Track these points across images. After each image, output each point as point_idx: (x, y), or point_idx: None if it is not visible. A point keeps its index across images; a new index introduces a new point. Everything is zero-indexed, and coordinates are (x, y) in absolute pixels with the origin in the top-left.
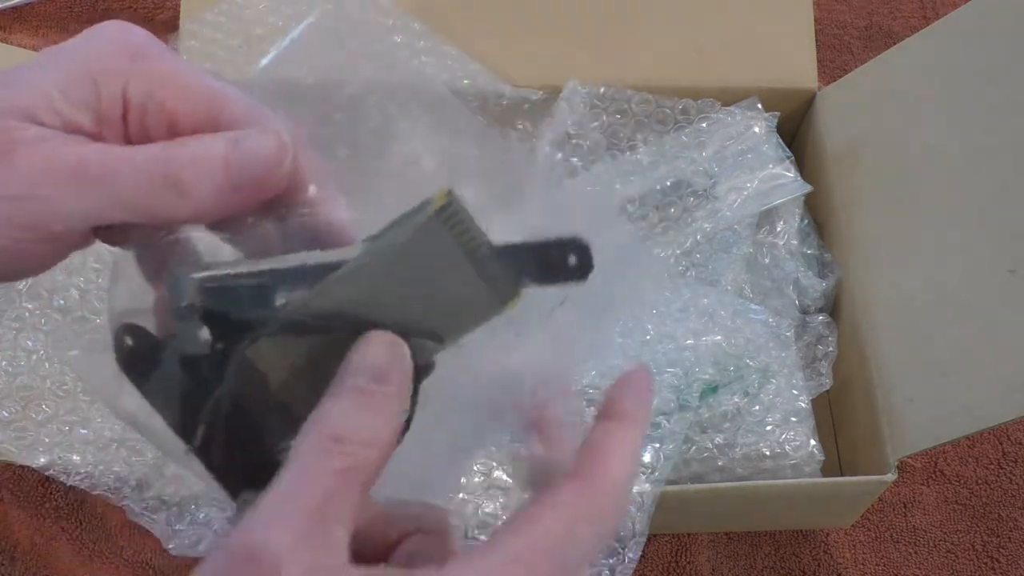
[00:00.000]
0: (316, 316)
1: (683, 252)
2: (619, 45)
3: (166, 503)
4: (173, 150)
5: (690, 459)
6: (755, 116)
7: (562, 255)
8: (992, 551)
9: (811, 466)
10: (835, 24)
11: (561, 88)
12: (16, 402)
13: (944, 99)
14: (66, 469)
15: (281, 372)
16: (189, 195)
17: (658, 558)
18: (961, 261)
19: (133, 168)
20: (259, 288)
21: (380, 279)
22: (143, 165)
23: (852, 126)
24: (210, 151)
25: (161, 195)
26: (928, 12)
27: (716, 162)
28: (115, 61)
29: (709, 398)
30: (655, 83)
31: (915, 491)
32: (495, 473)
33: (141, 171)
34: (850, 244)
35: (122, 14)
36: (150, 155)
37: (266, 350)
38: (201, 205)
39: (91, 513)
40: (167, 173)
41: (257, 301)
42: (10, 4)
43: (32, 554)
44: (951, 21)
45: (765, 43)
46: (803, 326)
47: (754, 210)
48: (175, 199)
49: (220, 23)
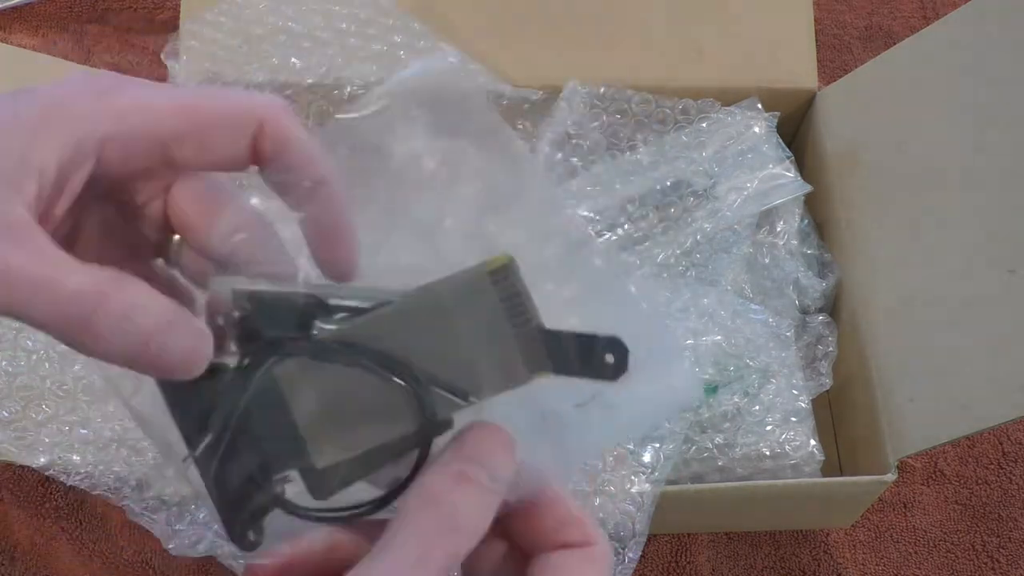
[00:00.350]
0: (351, 348)
1: (683, 252)
2: (619, 45)
3: (166, 503)
4: (108, 292)
5: (690, 459)
6: (755, 116)
7: (600, 351)
8: (992, 551)
9: (811, 466)
10: (835, 24)
11: (561, 88)
12: (16, 402)
13: (944, 99)
14: (66, 469)
15: (301, 397)
16: (99, 345)
17: (658, 558)
18: (961, 261)
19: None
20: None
21: (422, 325)
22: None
23: (852, 126)
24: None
25: (75, 334)
26: (928, 12)
27: (716, 162)
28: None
29: (709, 398)
30: (655, 83)
31: (915, 491)
32: None
33: (70, 298)
34: (850, 244)
35: (122, 14)
36: (79, 291)
37: (293, 371)
38: (108, 356)
39: (91, 513)
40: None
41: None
42: (10, 4)
43: (32, 554)
44: (951, 21)
45: (765, 43)
46: (803, 326)
47: (754, 210)
48: (86, 343)
49: (220, 23)
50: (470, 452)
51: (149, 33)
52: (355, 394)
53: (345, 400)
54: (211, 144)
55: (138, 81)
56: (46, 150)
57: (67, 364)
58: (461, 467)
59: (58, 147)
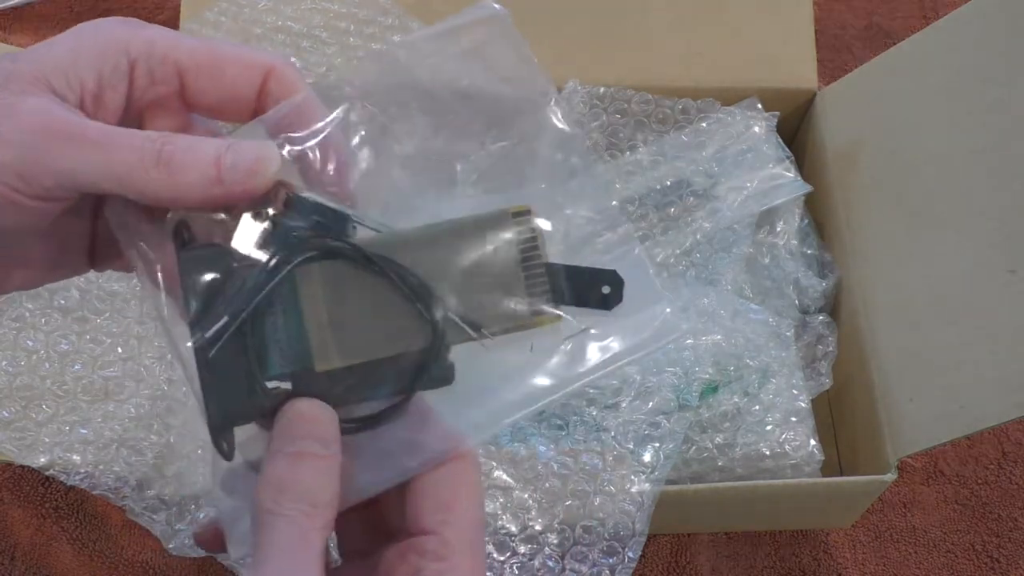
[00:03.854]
0: (377, 258)
1: (683, 252)
2: (619, 45)
3: (166, 503)
4: (170, 137)
5: (690, 459)
6: (755, 116)
7: (598, 283)
8: (992, 551)
9: (811, 466)
10: (835, 24)
11: (561, 88)
12: (16, 402)
13: (944, 99)
14: (66, 469)
15: (316, 301)
16: (177, 178)
17: (658, 558)
18: (961, 261)
19: (130, 142)
20: (338, 215)
21: (443, 254)
22: (140, 143)
23: (852, 126)
24: (203, 145)
25: (152, 173)
26: (928, 12)
27: (716, 162)
28: (115, 31)
29: (709, 398)
30: (655, 83)
31: (915, 491)
32: (495, 473)
33: (137, 147)
34: (850, 244)
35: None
36: (148, 136)
37: (313, 275)
38: (188, 191)
39: (91, 513)
40: (161, 153)
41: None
42: (10, 4)
43: (32, 554)
44: (951, 21)
45: (765, 43)
46: (803, 326)
47: (754, 210)
48: (164, 179)
49: (220, 23)
50: (296, 430)
51: None
52: (368, 305)
53: (357, 309)
54: (226, 78)
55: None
56: (85, 65)
57: (67, 364)
58: (294, 448)
59: (96, 63)
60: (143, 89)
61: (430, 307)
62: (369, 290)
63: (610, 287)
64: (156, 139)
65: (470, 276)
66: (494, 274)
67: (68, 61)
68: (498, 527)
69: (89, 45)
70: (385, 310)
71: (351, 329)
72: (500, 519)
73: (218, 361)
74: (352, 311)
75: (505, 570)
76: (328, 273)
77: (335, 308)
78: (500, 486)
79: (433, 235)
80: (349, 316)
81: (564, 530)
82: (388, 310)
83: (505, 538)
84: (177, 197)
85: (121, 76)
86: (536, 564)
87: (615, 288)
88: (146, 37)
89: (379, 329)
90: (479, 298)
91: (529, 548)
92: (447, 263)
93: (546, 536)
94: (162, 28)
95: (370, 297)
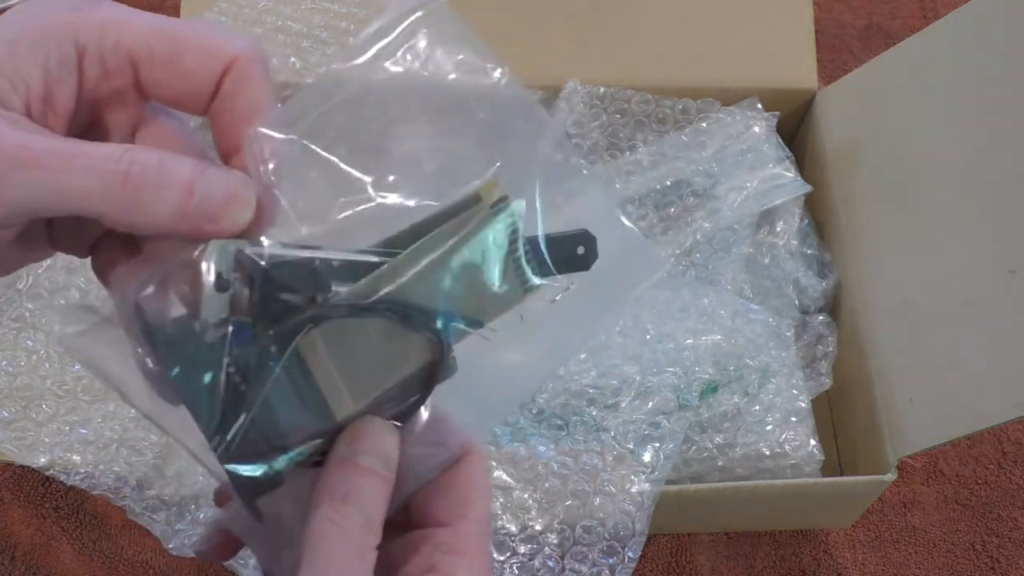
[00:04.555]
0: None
1: (683, 252)
2: (619, 45)
3: (166, 503)
4: (136, 154)
5: (690, 459)
6: (755, 116)
7: (573, 246)
8: (992, 551)
9: (811, 466)
10: (835, 24)
11: (561, 88)
12: (16, 402)
13: (944, 99)
14: (66, 469)
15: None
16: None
17: (658, 558)
18: (961, 261)
19: (88, 163)
20: (313, 271)
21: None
22: (101, 163)
23: (852, 126)
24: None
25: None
26: (928, 12)
27: (716, 162)
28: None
29: (709, 398)
30: (655, 83)
31: (915, 491)
32: (495, 473)
33: (97, 169)
34: (850, 244)
35: None
36: (110, 155)
37: (314, 339)
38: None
39: (91, 513)
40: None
41: (312, 285)
42: (10, 4)
43: (32, 554)
44: (951, 21)
45: (765, 43)
46: (803, 326)
47: (754, 210)
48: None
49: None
50: (362, 446)
51: None
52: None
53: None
54: (182, 69)
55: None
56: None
57: (67, 364)
58: (358, 461)
59: (40, 56)
60: (95, 81)
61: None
62: (366, 331)
63: (584, 246)
64: (120, 158)
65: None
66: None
67: (7, 56)
68: (498, 527)
69: (31, 35)
70: (386, 343)
71: (360, 372)
72: (500, 519)
73: (241, 453)
74: (355, 355)
75: (505, 570)
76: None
77: (339, 359)
78: (500, 486)
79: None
80: (354, 361)
81: (564, 530)
82: (389, 342)
83: (505, 538)
84: (136, 226)
85: (69, 69)
86: (536, 564)
87: (589, 246)
88: (95, 21)
89: (385, 361)
90: (472, 293)
91: (529, 548)
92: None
93: (546, 536)
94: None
95: (369, 337)
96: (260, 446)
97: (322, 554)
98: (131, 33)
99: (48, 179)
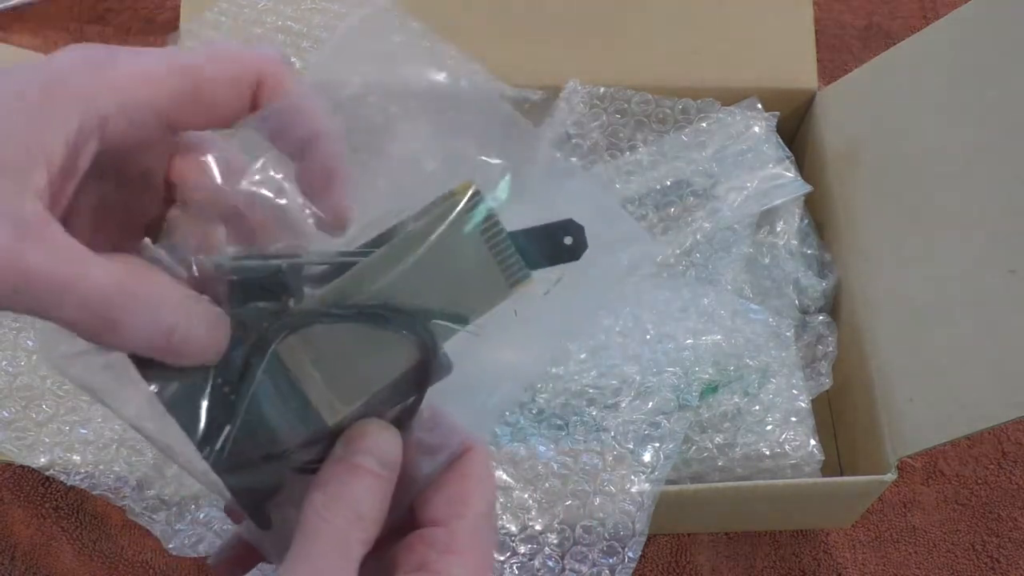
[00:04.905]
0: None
1: (683, 252)
2: (619, 45)
3: (166, 503)
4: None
5: (690, 459)
6: (755, 116)
7: (559, 237)
8: (992, 551)
9: (811, 466)
10: (835, 24)
11: (561, 88)
12: (16, 402)
13: (944, 99)
14: (66, 469)
15: (303, 364)
16: (120, 342)
17: (658, 558)
18: (961, 261)
19: (81, 300)
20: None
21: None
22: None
23: (852, 126)
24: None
25: (96, 333)
26: (928, 12)
27: (716, 162)
28: (79, 78)
29: (709, 398)
30: (655, 83)
31: (915, 491)
32: (495, 473)
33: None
34: (850, 244)
35: (122, 14)
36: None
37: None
38: (129, 347)
39: (91, 513)
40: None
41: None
42: (10, 4)
43: (32, 554)
44: (951, 21)
45: (765, 43)
46: (803, 326)
47: (754, 210)
48: (107, 340)
49: (220, 23)
50: (359, 446)
51: (149, 33)
52: (353, 348)
53: (345, 356)
54: (212, 103)
55: (130, 50)
56: (51, 134)
57: None
58: (354, 460)
59: (63, 130)
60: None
61: (413, 328)
62: (348, 335)
63: (572, 236)
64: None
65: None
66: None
67: (28, 125)
68: (498, 527)
69: (51, 102)
70: (371, 346)
71: (346, 376)
72: (500, 519)
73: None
74: (340, 360)
75: (505, 570)
76: (305, 337)
77: (324, 364)
78: (500, 486)
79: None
80: (338, 365)
81: (564, 530)
82: (373, 344)
83: (505, 538)
84: (117, 347)
85: (91, 136)
86: (536, 564)
87: (577, 236)
88: (116, 83)
89: (372, 364)
90: (457, 291)
91: (529, 548)
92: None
93: (546, 536)
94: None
95: (352, 341)
96: (252, 454)
97: (305, 548)
98: (152, 87)
99: (34, 304)
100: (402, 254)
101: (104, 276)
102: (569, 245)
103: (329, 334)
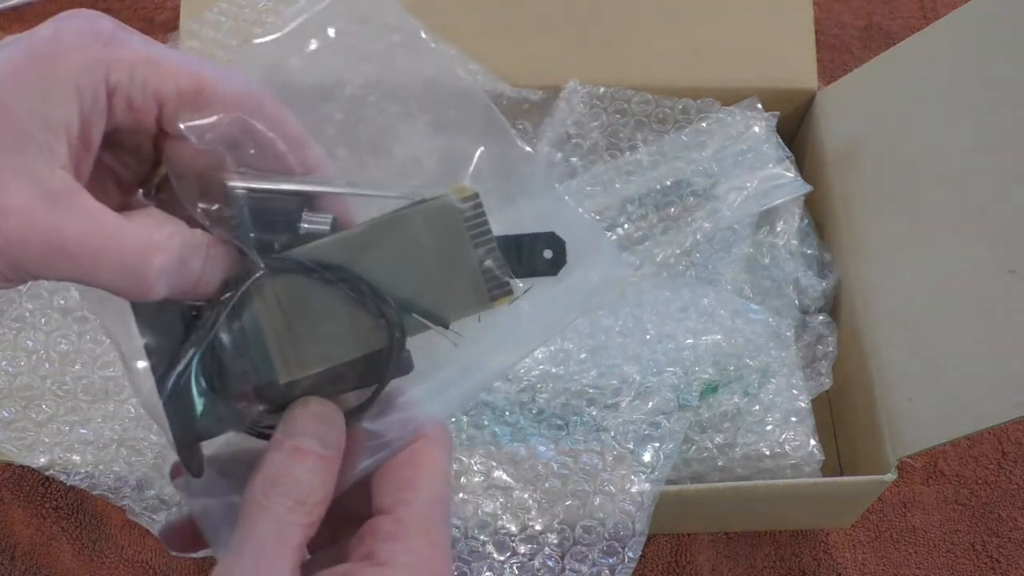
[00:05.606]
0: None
1: (683, 252)
2: (619, 45)
3: (166, 503)
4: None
5: (690, 459)
6: (755, 116)
7: (539, 250)
8: (992, 551)
9: (811, 466)
10: (835, 24)
11: (561, 88)
12: (16, 402)
13: (944, 99)
14: (66, 469)
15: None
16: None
17: (658, 558)
18: (961, 261)
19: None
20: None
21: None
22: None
23: (852, 126)
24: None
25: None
26: (928, 12)
27: (716, 162)
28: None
29: (709, 398)
30: (655, 83)
31: (915, 491)
32: (495, 473)
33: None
34: (850, 244)
35: (122, 14)
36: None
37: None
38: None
39: (91, 513)
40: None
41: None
42: (10, 4)
43: (32, 554)
44: (951, 21)
45: (765, 43)
46: (803, 326)
47: (754, 210)
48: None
49: (220, 23)
50: (298, 427)
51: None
52: (325, 313)
53: (314, 318)
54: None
55: (136, 32)
56: (67, 106)
57: (67, 364)
58: (293, 443)
59: (78, 101)
60: (121, 115)
61: (385, 310)
62: (324, 298)
63: (552, 251)
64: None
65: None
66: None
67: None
68: (498, 527)
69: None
70: (342, 316)
71: (310, 339)
72: (500, 519)
73: (180, 387)
74: (309, 321)
75: (505, 570)
76: (281, 286)
77: (293, 320)
78: (500, 486)
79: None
80: (307, 326)
81: (564, 530)
82: (345, 316)
83: (505, 538)
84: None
85: (101, 110)
86: (536, 564)
87: (557, 251)
88: (126, 60)
89: (338, 336)
90: (437, 291)
91: (529, 548)
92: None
93: (546, 536)
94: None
95: (326, 305)
96: (198, 382)
97: (245, 533)
98: (159, 74)
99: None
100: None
101: (137, 236)
102: (549, 259)
103: (306, 292)
